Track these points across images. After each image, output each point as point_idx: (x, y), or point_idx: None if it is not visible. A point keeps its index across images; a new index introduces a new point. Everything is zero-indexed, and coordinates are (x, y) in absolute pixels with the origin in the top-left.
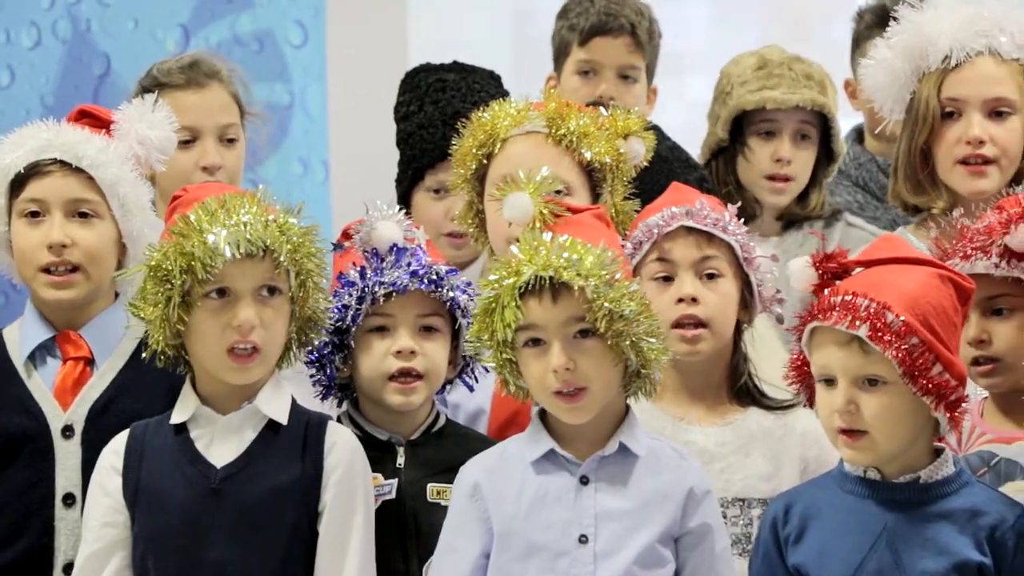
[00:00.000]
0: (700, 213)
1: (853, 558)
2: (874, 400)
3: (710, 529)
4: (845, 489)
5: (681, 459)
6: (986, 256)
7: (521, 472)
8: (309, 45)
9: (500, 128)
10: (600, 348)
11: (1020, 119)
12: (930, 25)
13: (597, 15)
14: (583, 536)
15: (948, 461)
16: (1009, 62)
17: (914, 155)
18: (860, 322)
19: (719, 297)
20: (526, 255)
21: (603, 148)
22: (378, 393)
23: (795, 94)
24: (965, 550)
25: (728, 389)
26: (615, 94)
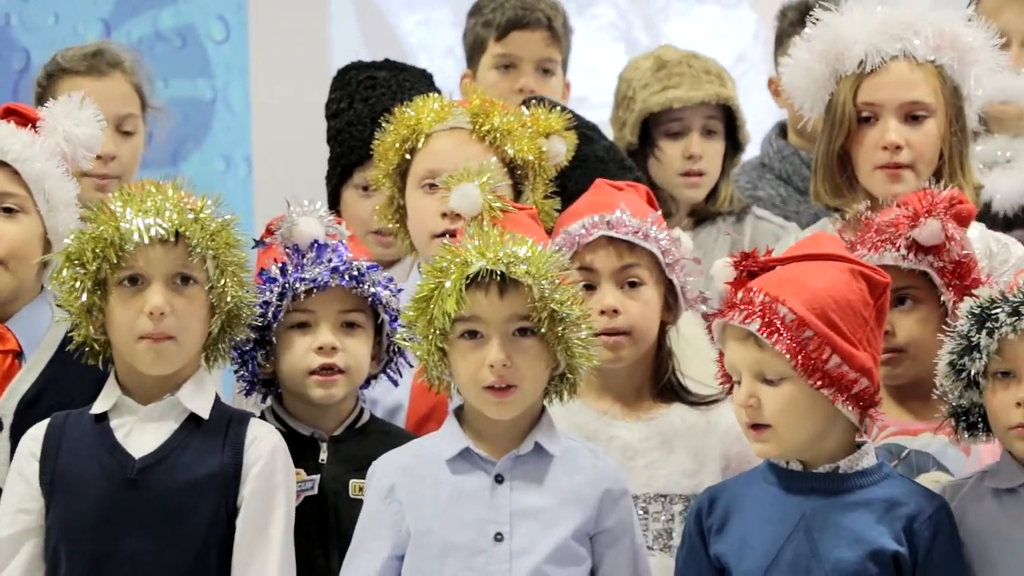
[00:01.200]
0: (620, 222)
1: (771, 547)
2: (774, 395)
3: (627, 527)
4: (768, 480)
5: (596, 459)
6: (894, 248)
7: (436, 470)
8: (231, 40)
9: (424, 123)
10: (536, 348)
11: (935, 122)
12: (846, 28)
13: (514, 9)
14: (499, 534)
15: (869, 453)
16: (924, 65)
17: (832, 158)
18: (753, 317)
19: (641, 305)
20: (478, 247)
21: (525, 146)
22: (300, 388)
23: (698, 90)
24: (881, 539)
25: (652, 386)
26: (535, 87)
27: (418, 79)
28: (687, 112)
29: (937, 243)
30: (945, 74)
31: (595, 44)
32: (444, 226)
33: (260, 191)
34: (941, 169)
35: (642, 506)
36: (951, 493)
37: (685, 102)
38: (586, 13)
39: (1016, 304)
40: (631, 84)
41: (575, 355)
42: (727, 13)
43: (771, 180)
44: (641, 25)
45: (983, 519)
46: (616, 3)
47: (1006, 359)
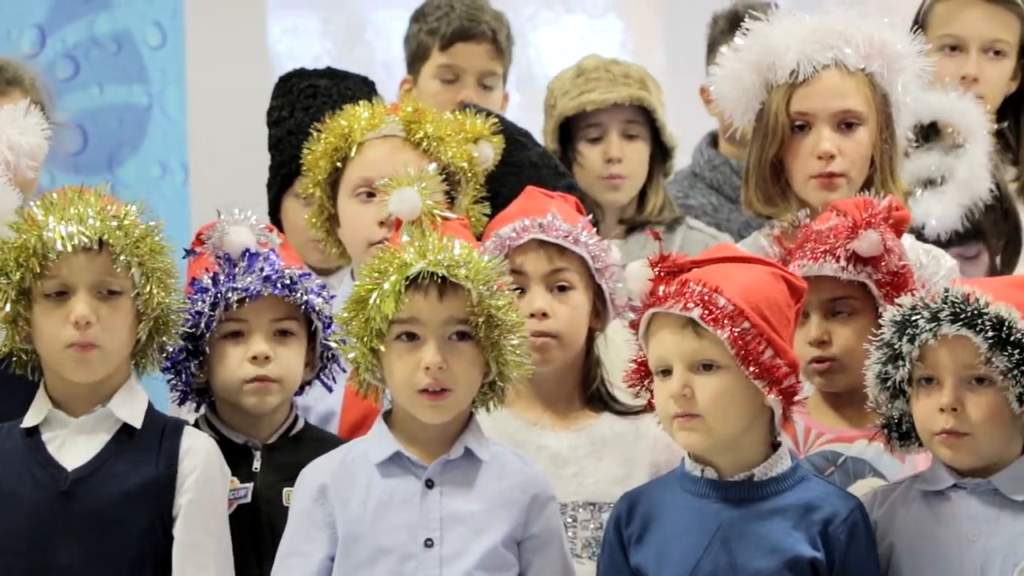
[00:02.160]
0: (551, 226)
1: (689, 559)
2: (709, 384)
3: (554, 533)
4: (685, 488)
5: (524, 464)
6: (834, 259)
7: (367, 475)
8: (167, 46)
9: (355, 132)
10: (472, 353)
11: (867, 130)
12: (777, 38)
13: (459, 20)
14: (429, 540)
15: (784, 457)
16: (855, 73)
17: (765, 167)
18: (693, 304)
19: (570, 310)
20: (418, 248)
21: (457, 152)
22: (234, 397)
23: (612, 92)
24: (798, 546)
25: (581, 395)
26: (476, 100)
27: (359, 87)
28: (604, 115)
29: (876, 255)
30: (875, 82)
31: None
32: (382, 234)
33: (197, 197)
34: (872, 176)
35: (571, 514)
36: (882, 497)
37: (598, 104)
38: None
39: (935, 311)
40: (553, 93)
41: (507, 362)
42: (594, 23)
43: (702, 189)
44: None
45: (913, 521)
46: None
47: (928, 366)
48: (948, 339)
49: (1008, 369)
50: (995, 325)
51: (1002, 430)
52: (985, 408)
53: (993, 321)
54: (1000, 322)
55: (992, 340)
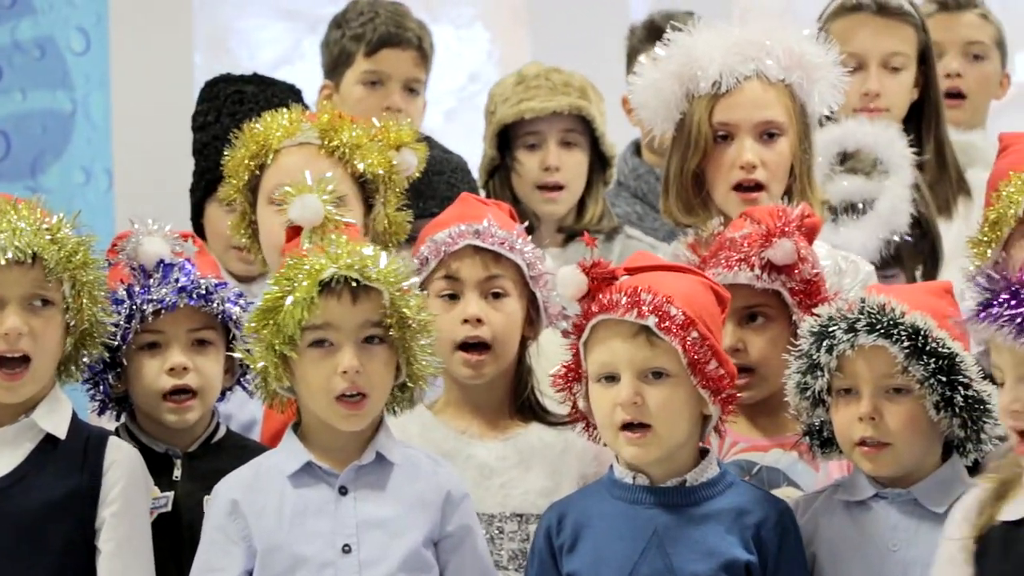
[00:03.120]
0: (487, 232)
1: (625, 564)
2: (659, 393)
3: (469, 531)
4: (615, 496)
5: (436, 464)
6: (748, 268)
7: (280, 486)
8: (91, 52)
9: (272, 139)
10: (385, 355)
11: (787, 140)
12: (699, 48)
13: (386, 27)
14: (346, 546)
15: (712, 462)
16: (776, 84)
17: (686, 177)
18: (648, 313)
19: (504, 317)
20: (329, 254)
21: (376, 160)
22: (153, 410)
23: (552, 101)
24: (732, 550)
25: (511, 404)
26: (402, 106)
27: (286, 94)
28: (542, 124)
29: (790, 263)
30: (795, 92)
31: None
32: None
33: (121, 204)
34: (791, 186)
35: (498, 525)
36: (804, 507)
37: (537, 113)
38: (318, 30)
39: (852, 321)
40: (494, 99)
41: (419, 365)
42: (460, 33)
43: (627, 198)
44: None
45: (835, 531)
46: None
47: (846, 376)
48: (865, 349)
49: (925, 378)
50: (911, 335)
51: (921, 438)
52: (903, 417)
53: (909, 331)
54: (916, 331)
55: (909, 349)
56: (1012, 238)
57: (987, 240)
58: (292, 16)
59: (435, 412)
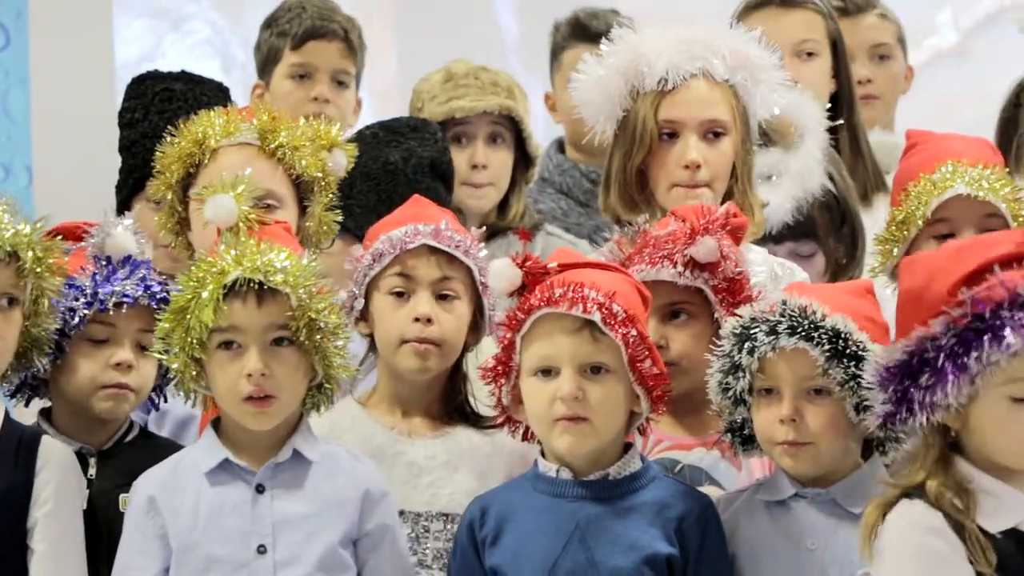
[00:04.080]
0: (445, 234)
1: (548, 558)
2: (598, 388)
3: (388, 529)
4: (539, 489)
5: (356, 461)
6: (671, 264)
7: (196, 484)
8: (11, 47)
9: (210, 138)
10: (295, 357)
11: (731, 140)
12: (646, 46)
13: (311, 19)
14: (261, 546)
15: (636, 457)
16: (721, 84)
17: (630, 174)
18: (593, 308)
19: (454, 319)
20: (235, 256)
21: (311, 161)
22: (85, 400)
23: (481, 101)
24: (655, 543)
25: (443, 406)
26: (329, 96)
27: (215, 93)
28: (471, 122)
29: (712, 260)
30: (739, 93)
31: (190, 60)
32: None
33: (40, 201)
34: (732, 187)
35: (424, 524)
36: (724, 505)
37: (468, 112)
38: (182, 29)
39: (773, 324)
40: (421, 96)
41: (333, 365)
42: None
43: (551, 194)
44: (238, 42)
45: (755, 530)
46: (212, 21)
47: (767, 377)
48: (786, 351)
49: (845, 380)
50: (832, 337)
51: (841, 439)
52: (824, 418)
53: (830, 333)
54: (837, 334)
55: (829, 352)
56: (918, 239)
57: (894, 239)
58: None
59: (366, 406)
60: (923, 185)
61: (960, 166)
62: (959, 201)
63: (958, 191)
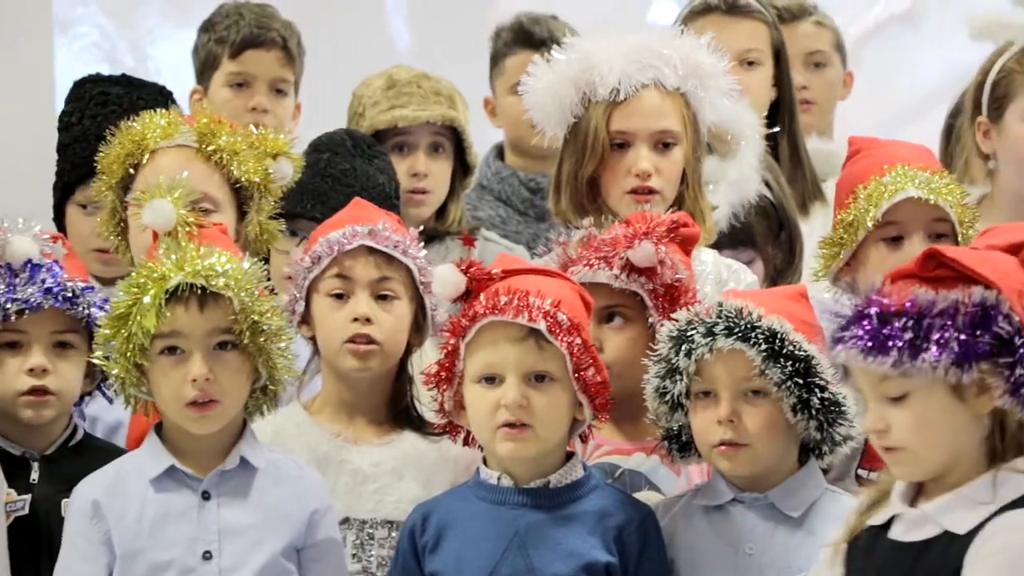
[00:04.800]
0: (382, 234)
1: (487, 564)
2: (542, 396)
3: (334, 543)
4: (480, 496)
5: (301, 471)
6: (608, 267)
7: (141, 491)
8: None
9: (149, 140)
10: (238, 361)
11: (682, 149)
12: (598, 55)
13: (249, 28)
14: (207, 552)
15: (578, 465)
16: (673, 94)
17: (581, 182)
18: (540, 317)
19: (394, 319)
20: (176, 261)
21: (252, 167)
22: (9, 408)
23: (425, 110)
24: (593, 551)
25: (388, 410)
26: (268, 106)
27: (155, 96)
28: (413, 131)
29: (650, 265)
30: (689, 101)
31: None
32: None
33: None
34: (683, 193)
35: (368, 531)
36: (663, 511)
37: (410, 121)
38: (69, 33)
39: (710, 325)
40: (362, 101)
41: (276, 367)
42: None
43: (490, 201)
44: (126, 47)
45: (693, 535)
46: (100, 24)
47: (705, 380)
48: (723, 353)
49: (782, 380)
50: (768, 338)
51: (778, 440)
52: (761, 419)
53: (766, 334)
54: (773, 335)
55: (766, 353)
56: (866, 244)
57: (841, 242)
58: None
59: (312, 412)
60: (873, 187)
61: (911, 169)
62: (909, 204)
63: (909, 194)
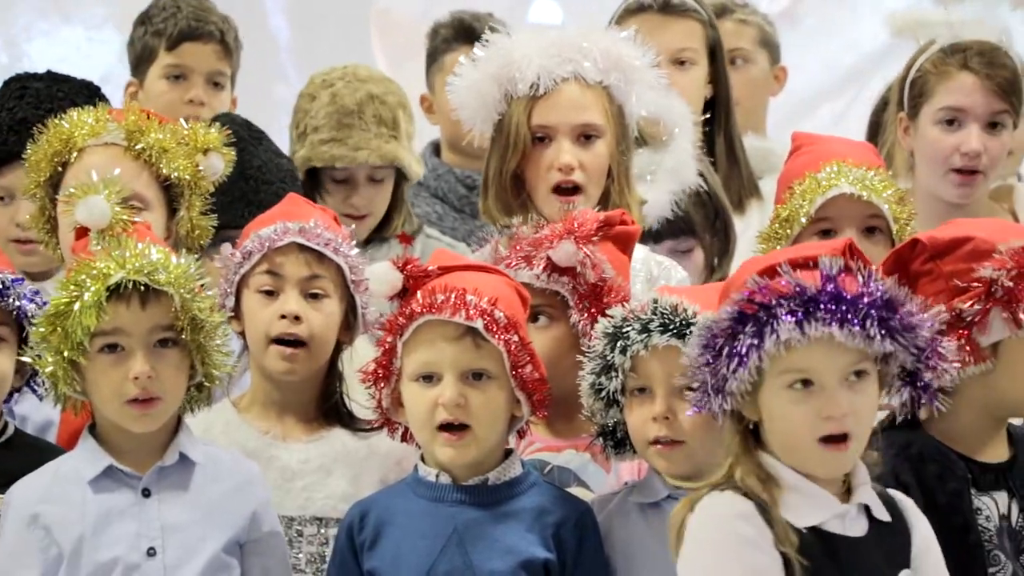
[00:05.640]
0: (313, 231)
1: (425, 561)
2: (480, 395)
3: (277, 535)
4: (418, 494)
5: (239, 464)
6: (529, 266)
7: (80, 493)
8: None
9: (77, 137)
10: (178, 358)
11: (605, 142)
12: (517, 51)
13: (186, 21)
14: (151, 549)
15: (516, 462)
16: (594, 87)
17: (505, 178)
18: (476, 315)
19: (323, 317)
20: (116, 258)
21: (182, 164)
22: None
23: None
24: (531, 548)
25: (318, 407)
26: (205, 99)
27: (78, 91)
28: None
29: (569, 265)
30: (612, 94)
31: None
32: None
33: None
34: (609, 187)
35: (297, 528)
36: (598, 508)
37: (348, 163)
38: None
39: (645, 322)
40: (304, 119)
41: (214, 363)
42: (91, 34)
43: (427, 198)
44: (1, 44)
45: (629, 533)
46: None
47: (640, 376)
48: (659, 349)
49: None
50: None
51: (713, 436)
52: (696, 416)
53: None
54: None
55: None
56: (802, 237)
57: (777, 236)
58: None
59: (240, 410)
60: (808, 184)
61: (845, 166)
62: (842, 200)
63: (842, 190)
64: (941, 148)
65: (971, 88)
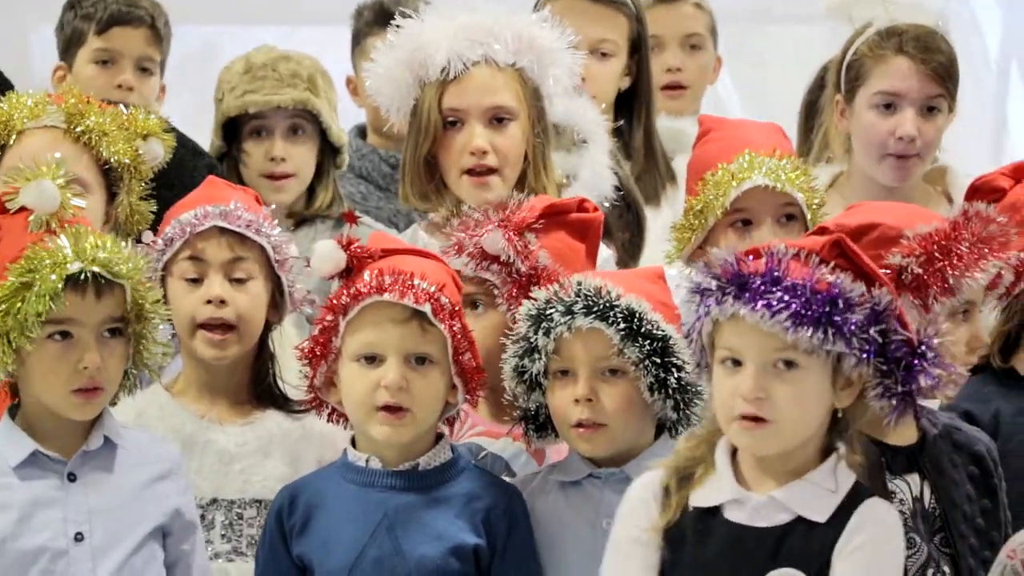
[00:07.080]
0: (234, 214)
1: (354, 546)
2: (422, 379)
3: (197, 526)
4: (348, 479)
5: (160, 445)
6: (459, 255)
7: (5, 480)
8: None
9: (16, 120)
10: (122, 347)
11: (519, 125)
12: (427, 35)
13: (117, 5)
14: (79, 534)
15: (446, 448)
16: (505, 69)
17: (419, 163)
18: (424, 300)
19: (249, 299)
20: (73, 248)
21: (121, 148)
22: None
23: (276, 95)
24: (461, 534)
25: (251, 389)
26: (134, 84)
27: None
28: (268, 115)
29: (497, 253)
30: (526, 76)
31: None
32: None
33: None
34: (526, 171)
35: (237, 511)
36: (521, 486)
37: (261, 107)
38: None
39: (569, 304)
40: (221, 86)
41: (152, 352)
42: None
43: (351, 179)
44: None
45: (550, 510)
46: None
47: (563, 358)
48: (582, 332)
49: (640, 360)
50: (626, 317)
51: (636, 419)
52: (618, 398)
53: (625, 313)
54: (631, 314)
55: (624, 332)
56: (716, 228)
57: (691, 228)
58: None
59: (174, 394)
60: (721, 176)
61: (757, 157)
62: (757, 192)
63: (756, 182)
64: (877, 132)
65: (907, 72)
